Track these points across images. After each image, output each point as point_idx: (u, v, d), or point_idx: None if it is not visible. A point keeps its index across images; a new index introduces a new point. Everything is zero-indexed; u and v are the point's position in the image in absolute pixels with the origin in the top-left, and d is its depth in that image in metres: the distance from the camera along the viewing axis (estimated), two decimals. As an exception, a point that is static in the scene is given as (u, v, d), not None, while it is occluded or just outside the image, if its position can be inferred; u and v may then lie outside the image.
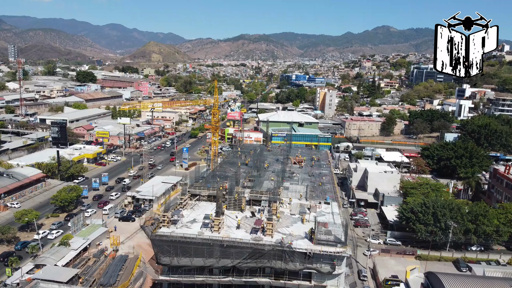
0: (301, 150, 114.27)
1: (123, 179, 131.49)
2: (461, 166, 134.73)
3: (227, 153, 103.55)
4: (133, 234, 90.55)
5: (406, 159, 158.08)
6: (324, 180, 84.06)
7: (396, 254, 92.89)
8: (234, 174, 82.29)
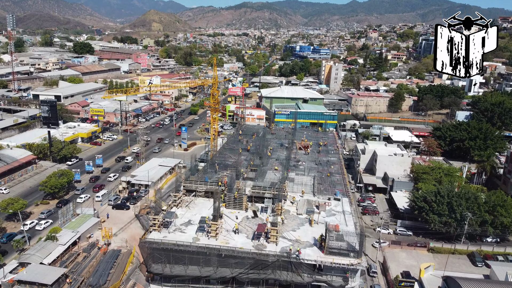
0: (306, 133, 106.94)
1: (124, 158, 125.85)
2: (475, 148, 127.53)
3: (227, 138, 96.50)
4: (127, 225, 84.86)
5: (416, 139, 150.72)
6: (333, 169, 77.32)
7: (407, 246, 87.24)
8: (234, 163, 75.63)
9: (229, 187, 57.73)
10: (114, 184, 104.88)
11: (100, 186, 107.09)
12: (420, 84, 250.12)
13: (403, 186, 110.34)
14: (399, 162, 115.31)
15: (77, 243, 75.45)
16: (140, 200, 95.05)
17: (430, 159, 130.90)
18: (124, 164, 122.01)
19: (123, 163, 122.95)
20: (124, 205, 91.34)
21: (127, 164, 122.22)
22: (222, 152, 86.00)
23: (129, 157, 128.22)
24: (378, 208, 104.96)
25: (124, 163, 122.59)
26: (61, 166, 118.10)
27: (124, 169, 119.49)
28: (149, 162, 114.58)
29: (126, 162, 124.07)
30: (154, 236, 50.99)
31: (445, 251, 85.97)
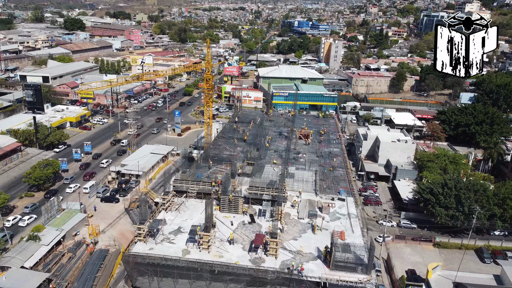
0: (306, 119, 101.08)
1: (119, 141, 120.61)
2: (481, 133, 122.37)
3: (223, 126, 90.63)
4: (115, 220, 79.99)
5: (419, 122, 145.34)
6: (336, 162, 72.12)
7: (411, 240, 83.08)
8: (229, 156, 70.22)
9: (223, 188, 52.58)
10: (107, 171, 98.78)
11: (91, 174, 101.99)
12: (421, 63, 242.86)
13: (407, 175, 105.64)
14: (403, 149, 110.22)
15: (61, 242, 70.65)
16: (131, 191, 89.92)
17: (434, 145, 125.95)
18: (120, 148, 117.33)
19: (119, 147, 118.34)
20: (113, 198, 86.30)
21: (122, 148, 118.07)
22: (216, 143, 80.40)
23: (124, 140, 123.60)
24: (381, 198, 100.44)
25: (119, 147, 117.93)
26: (48, 153, 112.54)
27: (120, 153, 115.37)
28: (140, 149, 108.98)
29: (122, 145, 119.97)
30: (139, 248, 45.96)
31: (452, 246, 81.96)
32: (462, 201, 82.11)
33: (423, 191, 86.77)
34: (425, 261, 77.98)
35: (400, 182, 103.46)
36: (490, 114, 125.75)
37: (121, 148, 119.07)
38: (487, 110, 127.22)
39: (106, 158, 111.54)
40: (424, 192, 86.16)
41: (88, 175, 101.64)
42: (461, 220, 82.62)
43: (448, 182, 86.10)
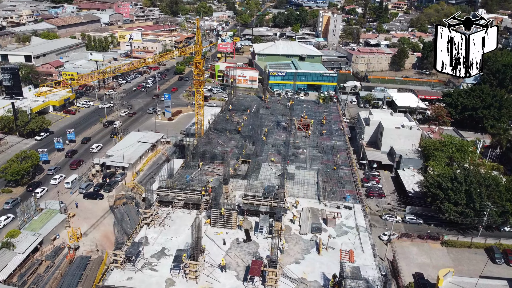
0: (306, 106, 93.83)
1: (112, 122, 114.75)
2: (488, 117, 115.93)
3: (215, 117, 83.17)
4: (99, 220, 73.72)
5: (422, 104, 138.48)
6: (339, 159, 65.64)
7: (418, 238, 77.79)
8: (222, 152, 63.40)
9: (214, 197, 46.09)
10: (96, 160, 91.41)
11: (78, 162, 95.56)
12: (423, 38, 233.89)
13: (412, 164, 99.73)
14: (407, 136, 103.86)
15: (38, 248, 64.45)
16: (116, 186, 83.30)
17: (440, 130, 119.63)
18: (113, 131, 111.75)
19: (112, 130, 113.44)
20: (97, 194, 79.76)
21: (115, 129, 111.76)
22: (208, 136, 73.35)
23: (117, 121, 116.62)
24: (384, 189, 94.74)
25: (112, 129, 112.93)
26: (29, 141, 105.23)
27: (112, 135, 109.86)
28: (127, 137, 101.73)
29: (115, 127, 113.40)
30: (115, 278, 39.63)
31: (461, 245, 76.86)
32: (473, 197, 76.42)
33: (431, 185, 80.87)
34: (433, 262, 73.04)
35: (405, 172, 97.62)
36: (498, 97, 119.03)
37: (114, 130, 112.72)
38: (495, 92, 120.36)
39: (96, 143, 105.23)
40: (432, 187, 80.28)
41: (75, 163, 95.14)
42: (471, 217, 77.25)
43: (458, 175, 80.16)
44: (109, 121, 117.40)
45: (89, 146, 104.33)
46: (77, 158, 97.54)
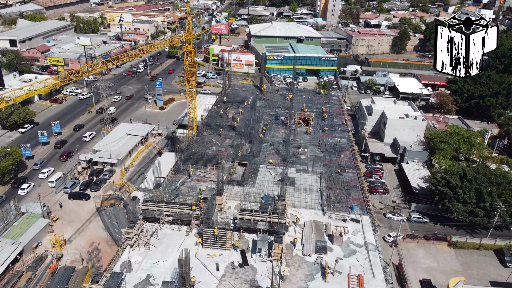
0: (306, 96, 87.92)
1: (107, 109, 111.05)
2: (496, 106, 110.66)
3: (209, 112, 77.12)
4: (85, 224, 68.81)
5: (425, 90, 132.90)
6: (343, 159, 60.54)
7: (424, 239, 73.62)
8: (216, 152, 58.09)
9: (207, 212, 40.96)
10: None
11: (68, 153, 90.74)
12: (424, 18, 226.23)
13: (416, 156, 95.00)
14: (412, 127, 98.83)
15: (19, 259, 59.66)
16: (104, 185, 78.13)
17: (445, 119, 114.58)
18: (108, 116, 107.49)
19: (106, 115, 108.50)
20: (83, 194, 74.64)
21: (111, 116, 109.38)
22: (201, 134, 67.70)
23: (111, 107, 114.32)
24: (387, 184, 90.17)
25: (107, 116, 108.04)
26: (12, 134, 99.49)
27: (107, 122, 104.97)
28: (116, 129, 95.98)
29: (110, 113, 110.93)
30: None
31: (469, 247, 72.83)
32: (484, 196, 71.94)
33: (438, 183, 76.24)
34: (441, 266, 69.08)
35: (409, 166, 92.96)
36: (506, 84, 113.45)
37: (109, 116, 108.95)
38: (503, 79, 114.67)
39: (89, 131, 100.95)
40: (440, 185, 75.66)
41: (64, 155, 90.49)
42: (481, 217, 72.98)
43: (467, 172, 75.48)
44: (102, 108, 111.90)
45: (81, 135, 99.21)
46: (67, 150, 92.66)
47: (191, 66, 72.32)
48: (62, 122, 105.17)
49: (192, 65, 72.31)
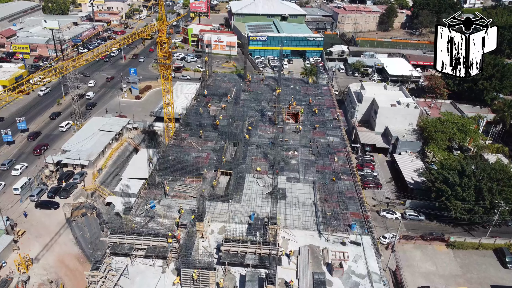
0: (293, 87, 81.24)
1: (83, 96, 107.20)
2: (489, 89, 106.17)
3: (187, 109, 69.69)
4: (54, 238, 62.23)
5: (415, 72, 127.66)
6: (337, 163, 54.93)
7: (421, 239, 69.63)
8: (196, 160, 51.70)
9: (185, 247, 34.89)
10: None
11: (42, 146, 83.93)
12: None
13: (409, 146, 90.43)
14: (404, 115, 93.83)
15: (-24, 285, 53.08)
16: (74, 190, 71.17)
17: (437, 104, 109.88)
18: (86, 101, 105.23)
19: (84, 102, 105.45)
20: (51, 203, 67.69)
21: (89, 100, 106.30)
22: (178, 135, 60.62)
23: (90, 92, 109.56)
24: (380, 177, 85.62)
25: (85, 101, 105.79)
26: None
27: (88, 107, 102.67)
28: (87, 125, 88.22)
29: (88, 99, 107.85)
30: None
31: (468, 247, 69.15)
32: (484, 194, 67.84)
33: (435, 179, 71.75)
34: (440, 270, 65.28)
35: (402, 157, 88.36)
36: (500, 67, 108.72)
37: (87, 101, 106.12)
38: (497, 61, 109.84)
39: (66, 120, 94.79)
40: (437, 181, 71.19)
41: (39, 148, 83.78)
42: (480, 215, 69.12)
43: (466, 168, 71.04)
44: (79, 94, 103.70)
45: (58, 124, 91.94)
46: (41, 143, 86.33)
47: (165, 58, 64.74)
48: (29, 116, 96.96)
49: (167, 57, 64.74)
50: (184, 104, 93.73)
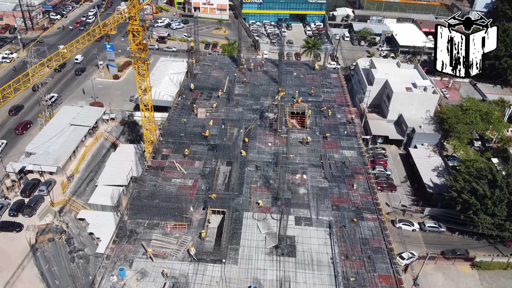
0: (297, 74, 68.35)
1: (64, 66, 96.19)
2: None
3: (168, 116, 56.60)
4: (16, 272, 52.23)
5: (429, 43, 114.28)
6: (357, 192, 44.29)
7: (443, 258, 60.95)
8: (177, 195, 40.80)
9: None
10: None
11: (26, 124, 76.59)
12: None
13: (427, 139, 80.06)
14: (422, 102, 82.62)
15: None
16: (41, 204, 60.42)
17: (455, 84, 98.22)
18: (75, 66, 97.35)
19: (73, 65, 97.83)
20: (12, 225, 57.05)
21: (78, 65, 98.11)
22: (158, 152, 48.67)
23: (78, 55, 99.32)
24: (393, 176, 75.76)
25: (74, 65, 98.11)
26: None
27: (78, 72, 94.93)
28: (56, 117, 75.72)
29: (77, 63, 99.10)
30: None
31: (495, 267, 60.80)
32: (518, 209, 58.51)
33: (462, 189, 61.82)
34: (465, 297, 57.37)
35: (418, 151, 78.21)
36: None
37: (76, 65, 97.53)
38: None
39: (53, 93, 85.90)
40: (464, 192, 61.34)
41: (21, 127, 75.57)
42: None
43: (497, 176, 61.00)
44: (61, 65, 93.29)
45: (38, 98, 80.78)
46: (25, 120, 77.79)
47: (140, 51, 51.83)
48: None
49: (142, 49, 51.82)
50: (169, 89, 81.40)
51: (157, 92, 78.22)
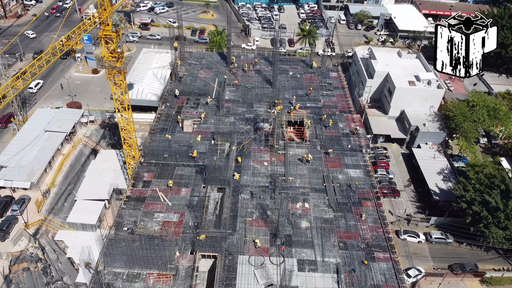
0: (293, 72, 61.70)
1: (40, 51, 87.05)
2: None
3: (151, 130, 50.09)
4: (-15, 309, 47.09)
5: (430, 27, 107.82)
6: (366, 224, 39.31)
7: (451, 274, 57.06)
8: (160, 238, 35.42)
9: None
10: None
11: (9, 117, 71.30)
12: None
13: (431, 137, 75.13)
14: (425, 97, 77.17)
15: None
16: (13, 226, 54.72)
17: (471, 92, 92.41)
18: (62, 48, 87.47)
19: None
20: (-18, 252, 51.42)
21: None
22: (139, 178, 42.90)
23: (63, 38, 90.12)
24: (396, 179, 71.12)
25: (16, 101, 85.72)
26: None
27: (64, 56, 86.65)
28: (30, 122, 68.85)
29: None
30: None
31: (506, 282, 57.18)
32: (533, 223, 54.37)
33: (473, 200, 57.30)
34: (476, 320, 53.87)
35: (422, 151, 73.58)
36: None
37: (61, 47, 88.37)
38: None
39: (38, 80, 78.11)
40: (475, 203, 56.86)
41: (4, 120, 70.65)
42: (524, 245, 56.32)
43: (510, 186, 56.52)
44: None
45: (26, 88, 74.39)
46: (7, 113, 71.91)
47: (114, 60, 45.23)
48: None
49: (117, 58, 45.22)
50: (153, 86, 74.50)
51: (139, 91, 71.42)
